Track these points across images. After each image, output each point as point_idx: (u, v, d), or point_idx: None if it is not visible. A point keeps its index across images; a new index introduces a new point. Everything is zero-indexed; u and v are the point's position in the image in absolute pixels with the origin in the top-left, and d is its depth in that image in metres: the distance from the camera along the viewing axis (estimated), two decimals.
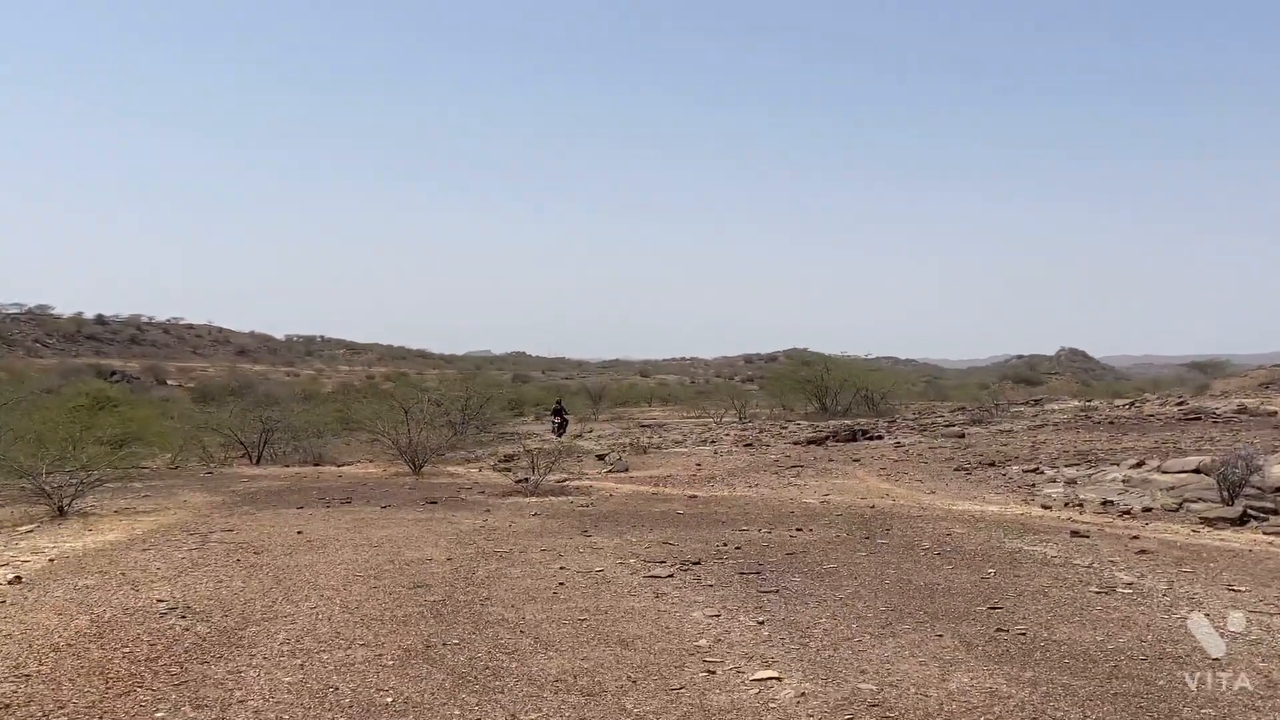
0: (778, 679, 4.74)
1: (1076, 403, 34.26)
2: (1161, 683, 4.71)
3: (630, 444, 25.36)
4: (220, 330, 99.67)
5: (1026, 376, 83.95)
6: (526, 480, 14.59)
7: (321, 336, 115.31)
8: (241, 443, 22.63)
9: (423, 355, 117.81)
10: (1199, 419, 22.95)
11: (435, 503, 12.42)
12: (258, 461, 21.81)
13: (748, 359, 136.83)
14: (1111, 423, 23.71)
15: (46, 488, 11.31)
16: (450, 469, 18.72)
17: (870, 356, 57.80)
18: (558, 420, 33.66)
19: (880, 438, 24.29)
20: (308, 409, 28.23)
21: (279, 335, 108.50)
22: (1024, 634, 5.53)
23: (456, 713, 4.37)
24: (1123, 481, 14.29)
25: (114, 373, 60.11)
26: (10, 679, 4.80)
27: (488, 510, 11.58)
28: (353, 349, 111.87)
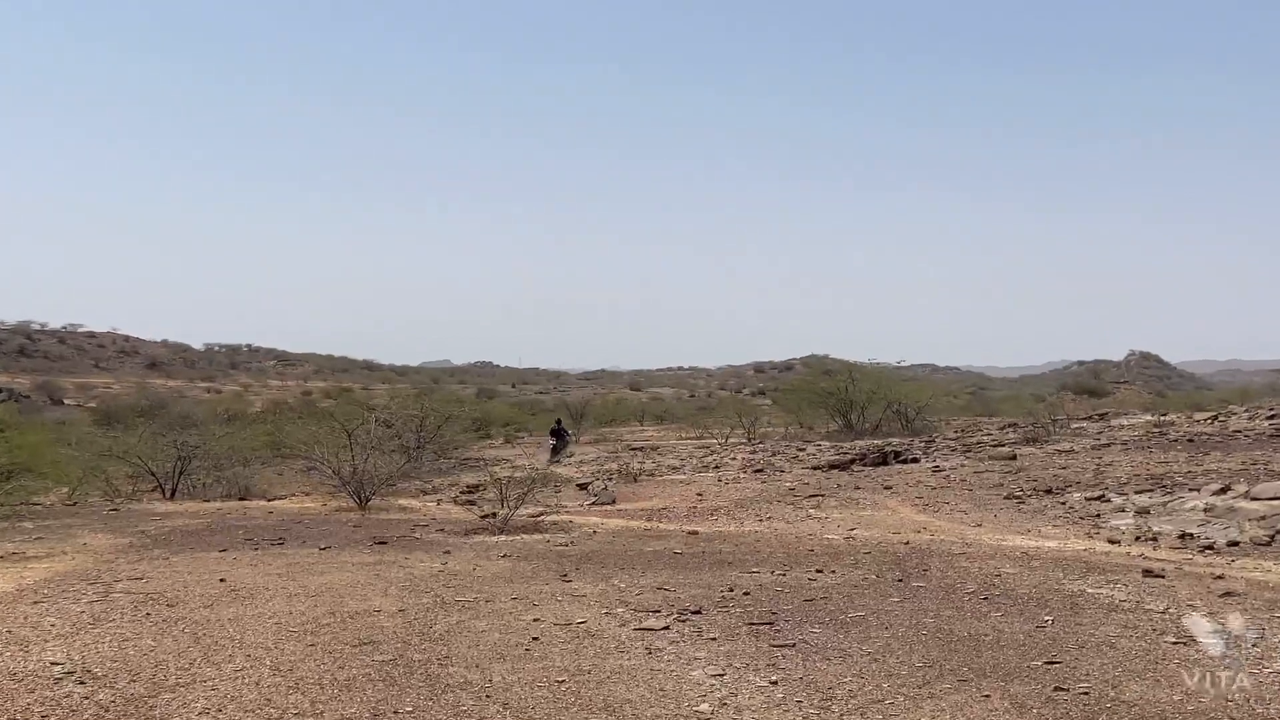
0: None
1: (1149, 417, 34.40)
2: None
3: (618, 470, 25.35)
4: (127, 339, 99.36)
5: (1090, 386, 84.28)
6: (494, 515, 14.57)
7: (248, 346, 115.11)
8: (153, 473, 22.51)
9: (369, 367, 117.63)
10: None
11: (385, 543, 12.39)
12: (172, 495, 21.70)
13: (758, 368, 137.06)
14: (1190, 440, 23.80)
15: None
16: (403, 502, 18.67)
17: (903, 364, 57.82)
18: (555, 443, 35.08)
19: (916, 460, 24.34)
20: (232, 432, 28.08)
21: (197, 345, 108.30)
22: (1087, 693, 5.54)
23: None
24: (1204, 510, 14.35)
25: None
26: None
27: (447, 551, 11.56)
28: (285, 360, 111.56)
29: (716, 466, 26.27)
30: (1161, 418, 32.76)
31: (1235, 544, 11.85)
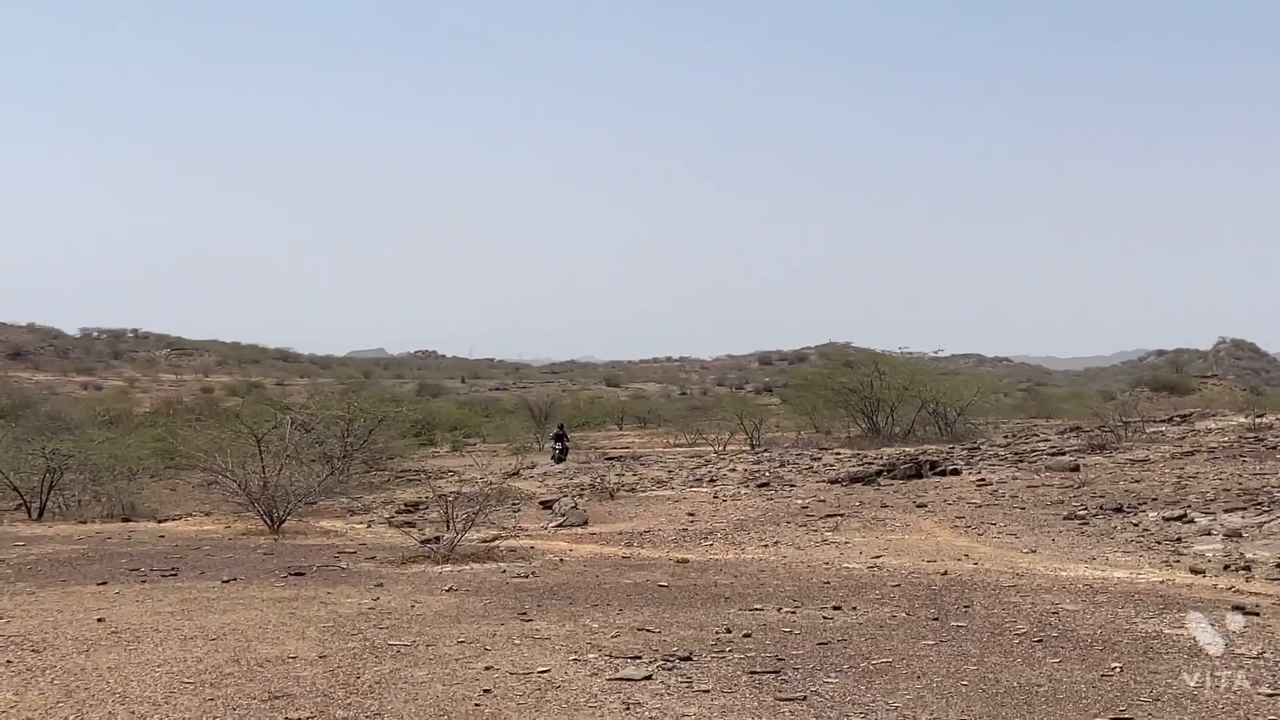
0: None
1: (1242, 418, 34.59)
2: None
3: (591, 485, 25.35)
4: None
5: (1170, 381, 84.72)
6: (437, 540, 14.56)
7: (135, 332, 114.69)
8: (16, 489, 22.40)
9: (284, 358, 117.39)
10: None
11: (302, 574, 12.36)
12: (40, 516, 21.60)
13: (763, 359, 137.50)
14: None
15: None
16: (325, 524, 18.63)
17: (941, 354, 57.83)
18: (559, 447, 38.02)
19: (957, 472, 24.44)
20: (114, 438, 27.98)
21: (71, 330, 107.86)
22: None
23: None
24: None
25: None
26: None
27: (380, 584, 11.54)
28: (180, 349, 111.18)
29: (712, 480, 26.31)
30: (1258, 419, 32.95)
31: None
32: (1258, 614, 9.13)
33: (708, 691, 6.89)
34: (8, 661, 7.92)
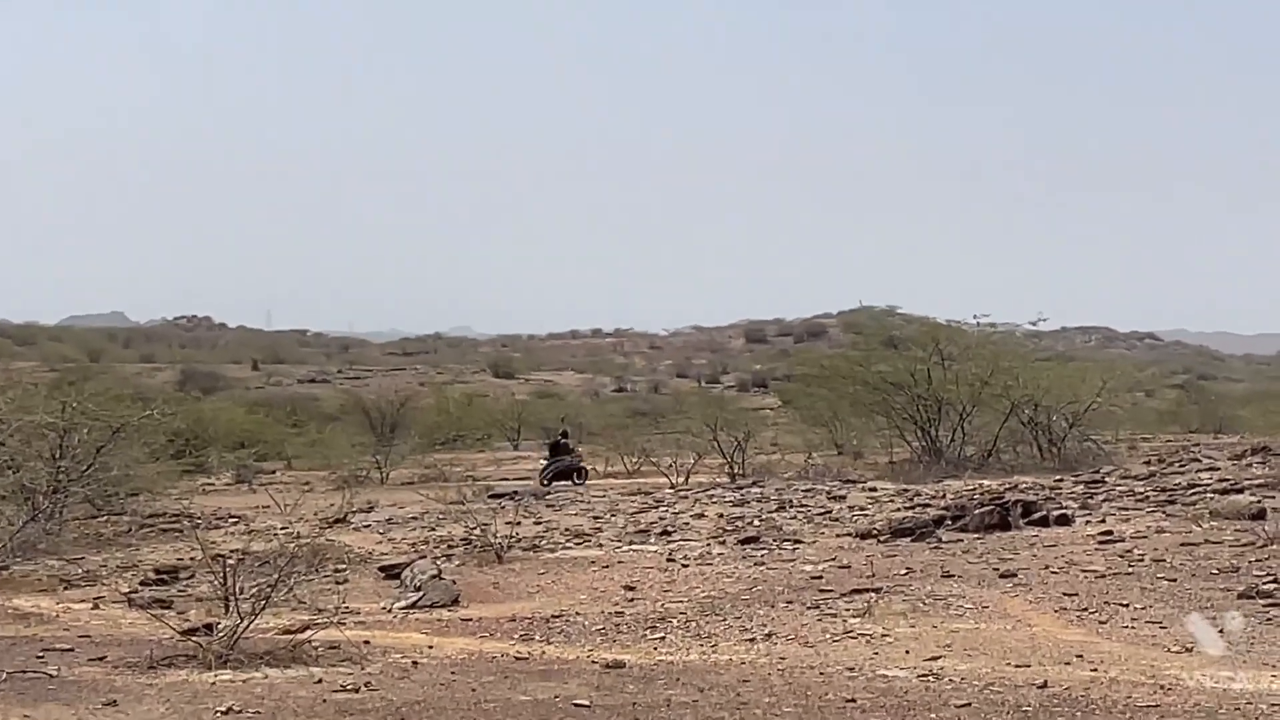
0: None
1: None
2: None
3: (466, 539, 25.29)
4: None
5: None
6: (209, 629, 14.51)
7: None
8: None
9: None
10: None
11: None
12: None
13: (752, 335, 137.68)
14: None
15: None
16: (21, 602, 18.52)
17: (1042, 326, 56.75)
18: (558, 463, 40.23)
19: (1067, 520, 24.48)
20: None
21: None
22: None
23: None
24: None
25: None
26: None
27: (112, 703, 11.51)
28: None
29: (666, 531, 26.27)
30: None
31: None
32: None
33: None
34: None
